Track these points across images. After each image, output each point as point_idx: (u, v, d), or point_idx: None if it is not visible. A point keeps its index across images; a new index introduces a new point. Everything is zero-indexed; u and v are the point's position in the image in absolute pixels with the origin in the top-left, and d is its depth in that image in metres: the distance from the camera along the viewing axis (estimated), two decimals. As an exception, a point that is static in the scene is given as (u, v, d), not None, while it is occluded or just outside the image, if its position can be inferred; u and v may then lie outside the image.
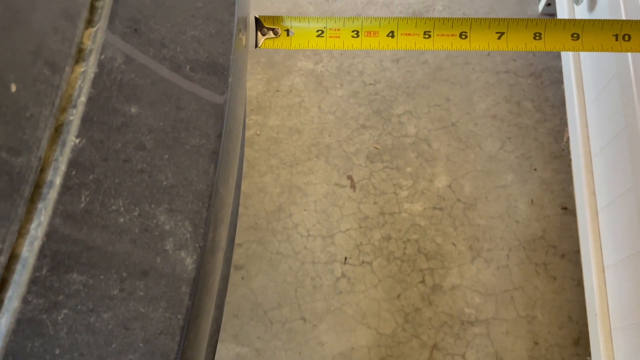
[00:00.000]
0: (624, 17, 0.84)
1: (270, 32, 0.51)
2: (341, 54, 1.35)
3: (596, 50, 0.49)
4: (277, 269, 1.15)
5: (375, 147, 1.25)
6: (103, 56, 0.34)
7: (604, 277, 0.92)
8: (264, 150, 1.26)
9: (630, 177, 0.82)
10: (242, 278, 1.14)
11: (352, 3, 1.41)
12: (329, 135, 1.27)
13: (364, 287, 1.12)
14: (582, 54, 1.08)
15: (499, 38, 0.50)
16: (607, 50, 0.48)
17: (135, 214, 0.33)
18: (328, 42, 0.51)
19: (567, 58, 1.13)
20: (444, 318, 1.09)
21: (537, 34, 0.49)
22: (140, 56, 0.36)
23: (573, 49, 0.49)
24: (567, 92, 1.12)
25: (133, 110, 0.35)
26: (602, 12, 0.97)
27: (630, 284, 0.81)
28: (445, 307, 1.10)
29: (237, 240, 1.18)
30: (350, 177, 1.23)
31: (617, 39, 0.48)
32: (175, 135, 0.36)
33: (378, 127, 1.27)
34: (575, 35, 0.49)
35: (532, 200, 1.18)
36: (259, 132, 1.28)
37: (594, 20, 0.49)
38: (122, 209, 0.33)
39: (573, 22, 0.49)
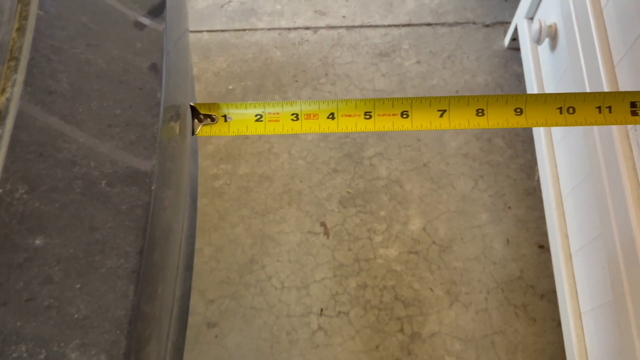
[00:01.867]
0: (581, 57, 0.84)
1: (208, 119, 0.49)
2: (309, 98, 1.34)
3: (540, 125, 0.47)
4: (251, 324, 1.12)
5: (347, 192, 1.24)
6: (1, 190, 0.32)
7: (581, 322, 0.90)
8: (234, 200, 1.24)
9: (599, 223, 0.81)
10: (216, 336, 1.11)
11: (318, 46, 1.40)
12: (300, 181, 1.25)
13: (341, 340, 1.10)
14: (549, 91, 1.07)
15: (440, 116, 0.48)
16: (552, 125, 0.47)
17: (42, 357, 0.31)
18: (267, 127, 0.49)
19: (533, 92, 1.12)
20: (425, 368, 1.06)
21: (480, 110, 0.48)
22: (46, 181, 0.34)
23: (517, 125, 0.47)
24: (534, 131, 1.11)
25: (38, 242, 0.32)
26: (562, 52, 0.97)
27: (606, 332, 0.79)
28: (425, 356, 1.07)
29: (209, 297, 1.14)
30: (323, 224, 1.21)
31: (561, 112, 0.47)
32: (89, 260, 0.34)
33: (349, 171, 1.26)
34: (518, 110, 0.48)
35: (507, 240, 1.16)
36: (228, 182, 1.26)
37: (537, 94, 0.47)
38: (25, 355, 0.30)
39: (516, 97, 0.48)
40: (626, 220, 0.69)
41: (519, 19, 1.21)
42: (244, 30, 1.44)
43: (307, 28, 1.43)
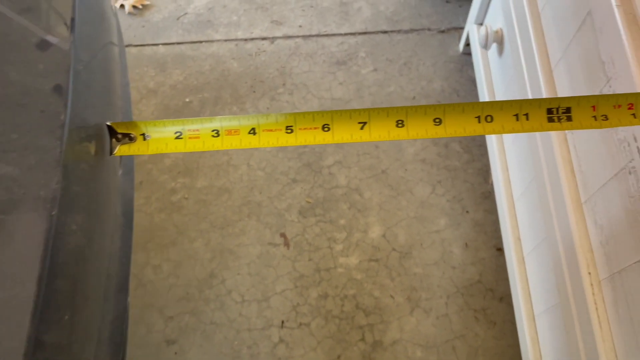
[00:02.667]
0: (523, 62, 0.84)
1: (126, 138, 0.48)
2: (268, 108, 1.34)
3: (459, 135, 0.47)
4: (211, 340, 1.10)
5: (307, 201, 1.23)
6: None
7: (535, 325, 0.90)
8: (192, 215, 1.22)
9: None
10: (175, 353, 1.09)
11: (275, 56, 1.40)
12: (260, 193, 1.24)
13: (302, 351, 1.08)
14: (499, 96, 1.08)
15: (361, 128, 0.48)
16: (471, 134, 0.47)
17: None
18: (187, 144, 0.48)
19: (484, 97, 1.14)
20: (387, 376, 1.06)
21: (400, 121, 0.48)
22: None
23: (436, 135, 0.47)
24: (487, 135, 1.12)
25: None
26: (507, 56, 0.98)
27: (556, 334, 0.80)
28: (387, 364, 1.07)
29: (168, 313, 1.13)
30: (283, 235, 1.20)
31: (479, 121, 0.47)
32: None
33: (309, 180, 1.25)
34: (437, 120, 0.48)
35: (466, 244, 1.16)
36: (187, 196, 1.24)
37: (455, 104, 0.47)
38: None
39: (434, 107, 0.48)
40: (566, 224, 0.69)
41: (469, 24, 1.22)
42: (201, 42, 1.43)
43: (263, 38, 1.43)
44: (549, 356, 0.85)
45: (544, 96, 0.75)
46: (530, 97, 0.81)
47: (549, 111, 0.47)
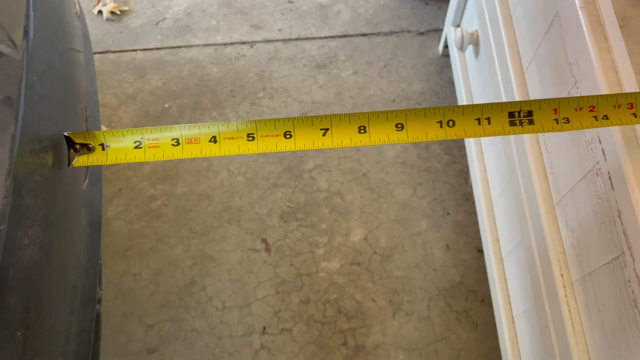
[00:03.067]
0: (496, 63, 0.84)
1: (84, 149, 0.48)
2: (248, 113, 1.33)
3: (421, 140, 0.47)
4: (193, 348, 1.09)
5: (288, 206, 1.22)
6: None
7: (514, 326, 0.90)
8: (172, 221, 1.21)
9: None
10: (156, 362, 1.08)
11: (255, 60, 1.39)
12: (240, 198, 1.24)
13: (285, 357, 1.08)
14: (477, 98, 1.08)
15: (323, 135, 0.47)
16: (432, 139, 0.47)
17: None
18: (147, 153, 0.48)
19: (462, 99, 1.14)
20: (369, 380, 1.05)
21: (362, 127, 0.47)
22: None
23: (398, 140, 0.47)
24: (466, 136, 1.12)
25: None
26: (483, 58, 0.98)
27: (534, 336, 0.80)
28: (369, 368, 1.06)
29: (149, 322, 1.11)
30: (264, 240, 1.19)
31: (441, 126, 0.47)
32: None
33: (290, 185, 1.25)
34: (399, 126, 0.47)
35: (447, 246, 1.16)
36: (166, 202, 1.23)
37: (416, 109, 0.47)
38: None
39: (396, 112, 0.47)
40: (539, 226, 0.69)
41: (447, 26, 1.22)
42: (180, 47, 1.42)
43: (243, 43, 1.42)
44: (528, 358, 0.85)
45: (517, 97, 0.75)
46: (503, 98, 0.81)
47: (511, 115, 0.46)
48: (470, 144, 1.07)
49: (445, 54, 1.36)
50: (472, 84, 1.10)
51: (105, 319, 1.12)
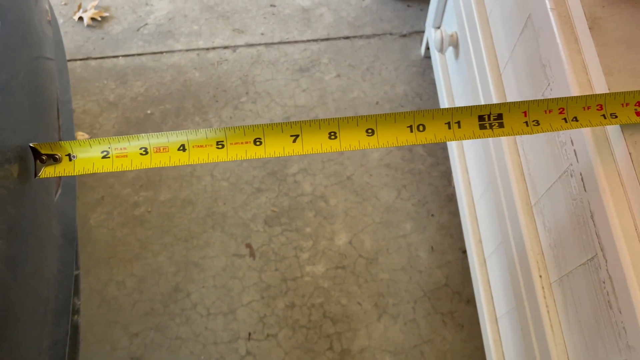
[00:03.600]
0: (474, 65, 0.85)
1: (51, 160, 0.47)
2: (231, 117, 1.32)
3: (392, 145, 0.47)
4: (177, 355, 1.08)
5: (272, 210, 1.22)
6: None
7: (498, 327, 0.90)
8: (156, 228, 1.20)
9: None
10: (140, 371, 1.07)
11: (237, 65, 1.39)
12: (224, 204, 1.23)
13: (270, 363, 1.07)
14: (458, 100, 1.08)
15: (294, 141, 0.47)
16: (403, 144, 0.47)
17: None
18: (115, 163, 0.47)
19: (443, 100, 1.14)
20: (355, 384, 1.05)
21: (332, 133, 0.47)
22: None
23: (369, 146, 0.47)
24: (448, 138, 1.12)
25: None
26: (462, 60, 0.98)
27: (516, 338, 0.80)
28: (356, 372, 1.06)
29: (133, 330, 1.10)
30: (248, 245, 1.19)
31: (411, 130, 0.47)
32: None
33: (274, 189, 1.24)
34: (370, 131, 0.47)
35: (432, 247, 1.16)
36: (150, 209, 1.22)
37: (387, 114, 0.47)
38: None
39: (366, 118, 0.47)
40: (518, 227, 0.69)
41: (428, 28, 1.22)
42: (161, 52, 1.41)
43: (225, 47, 1.42)
44: (512, 359, 0.85)
45: (494, 99, 0.76)
46: (482, 99, 0.81)
47: (481, 118, 0.46)
48: (452, 145, 1.07)
49: (428, 56, 1.36)
50: (453, 86, 1.10)
51: (88, 328, 1.11)
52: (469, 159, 1.02)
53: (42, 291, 0.52)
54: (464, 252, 1.15)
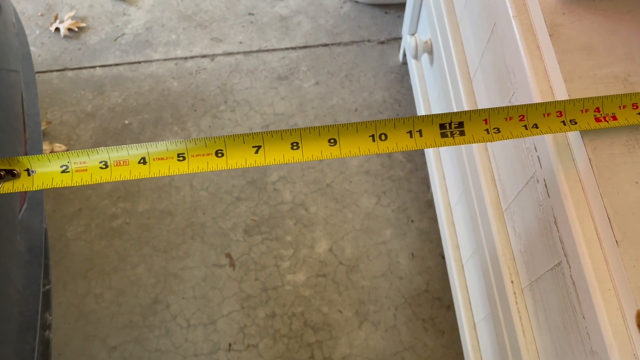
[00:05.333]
0: (446, 71, 0.85)
1: (9, 175, 0.46)
2: (210, 127, 1.32)
3: (354, 155, 0.47)
4: (157, 368, 1.07)
5: (252, 219, 1.21)
6: None
7: (476, 333, 0.90)
8: (134, 240, 1.19)
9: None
10: (119, 385, 1.05)
11: (216, 73, 1.38)
12: (203, 213, 1.22)
13: (251, 374, 1.06)
14: (434, 106, 1.09)
15: (256, 152, 0.47)
16: (365, 153, 0.47)
17: None
18: (75, 177, 0.46)
19: (420, 106, 1.14)
20: (337, 393, 1.04)
21: (295, 144, 0.47)
22: None
23: (331, 156, 0.47)
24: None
25: None
26: (438, 67, 0.99)
27: (495, 342, 0.80)
28: (337, 381, 1.06)
29: (112, 343, 1.09)
30: (228, 255, 1.18)
31: (374, 140, 0.47)
32: None
33: (254, 198, 1.24)
34: (332, 141, 0.47)
35: (412, 254, 1.16)
36: (128, 221, 1.21)
37: (348, 124, 0.47)
38: None
39: (328, 128, 0.47)
40: (490, 232, 0.70)
41: (404, 35, 1.23)
42: (139, 62, 1.40)
43: (204, 56, 1.41)
44: (490, 363, 0.85)
45: (465, 105, 0.76)
46: (454, 105, 0.82)
47: (442, 126, 0.46)
48: (430, 152, 1.07)
49: (406, 62, 1.37)
50: (429, 92, 1.10)
51: (66, 342, 1.09)
52: (446, 165, 1.02)
53: (3, 308, 0.51)
54: (444, 257, 1.15)
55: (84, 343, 1.10)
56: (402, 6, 1.43)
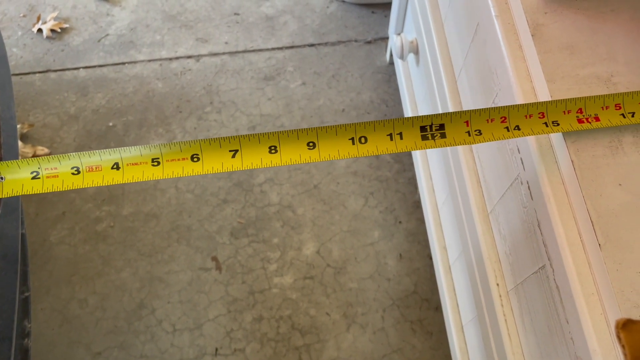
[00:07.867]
0: (431, 71, 0.84)
1: (-23, 182, 0.45)
2: (195, 128, 1.30)
3: (333, 158, 0.46)
4: (142, 374, 1.05)
5: (239, 222, 1.20)
6: None
7: (464, 335, 0.90)
8: (119, 244, 1.17)
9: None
10: (104, 392, 1.04)
11: (201, 74, 1.37)
12: (189, 216, 1.21)
13: (238, 378, 1.05)
14: (420, 106, 1.08)
15: (233, 156, 0.46)
16: (345, 157, 0.46)
17: None
18: (45, 184, 0.45)
19: (407, 107, 1.13)
20: (325, 397, 1.03)
21: (272, 147, 0.46)
22: None
23: (310, 159, 0.46)
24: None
25: None
26: (423, 67, 0.98)
27: (482, 344, 0.79)
28: (325, 384, 1.05)
29: (96, 349, 1.07)
30: (215, 258, 1.16)
31: (353, 143, 0.46)
32: None
33: (240, 200, 1.22)
34: (311, 144, 0.46)
35: (400, 255, 1.16)
36: (112, 224, 1.19)
37: (328, 127, 0.46)
38: None
39: (307, 131, 0.46)
40: (475, 234, 0.69)
41: (390, 34, 1.22)
42: (123, 63, 1.39)
43: (189, 57, 1.40)
44: (478, 366, 0.84)
45: (450, 106, 0.75)
46: (439, 106, 0.81)
47: (423, 129, 0.45)
48: (416, 152, 1.07)
49: (393, 62, 1.36)
50: (416, 92, 1.09)
51: (49, 349, 1.07)
52: (432, 165, 1.01)
53: None
54: (432, 258, 1.15)
55: (67, 349, 1.08)
56: (388, 5, 1.42)
